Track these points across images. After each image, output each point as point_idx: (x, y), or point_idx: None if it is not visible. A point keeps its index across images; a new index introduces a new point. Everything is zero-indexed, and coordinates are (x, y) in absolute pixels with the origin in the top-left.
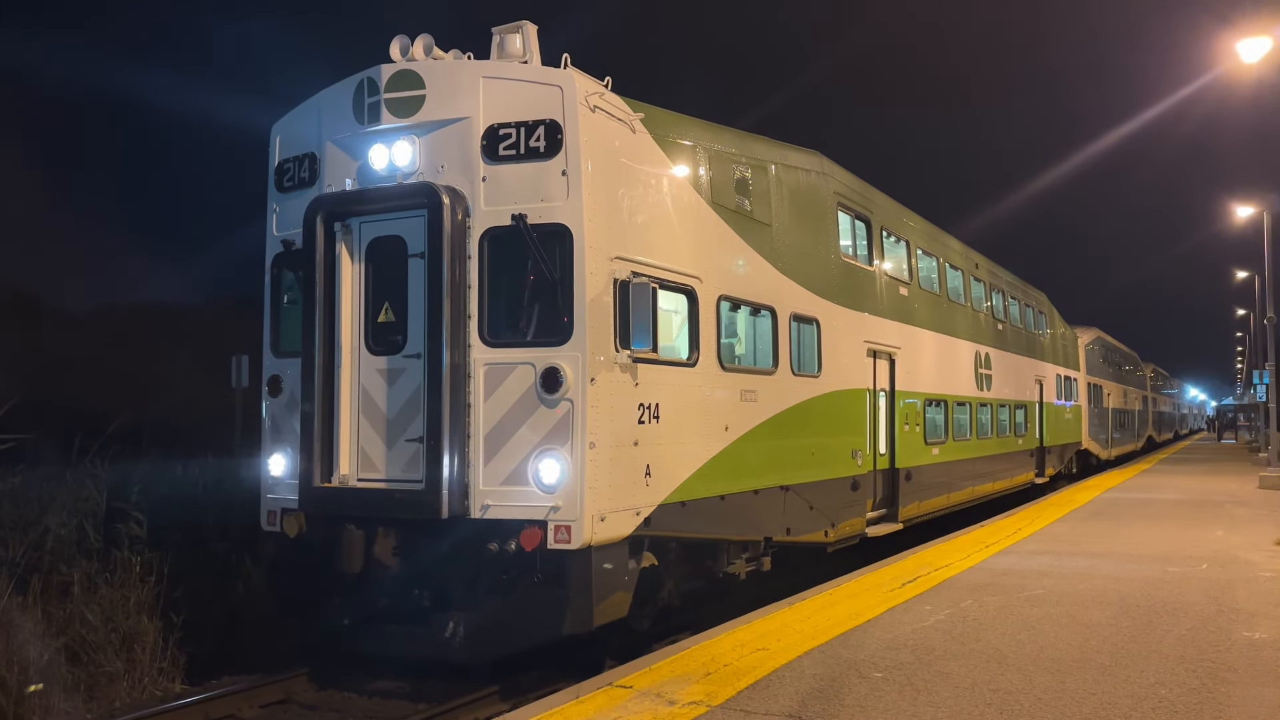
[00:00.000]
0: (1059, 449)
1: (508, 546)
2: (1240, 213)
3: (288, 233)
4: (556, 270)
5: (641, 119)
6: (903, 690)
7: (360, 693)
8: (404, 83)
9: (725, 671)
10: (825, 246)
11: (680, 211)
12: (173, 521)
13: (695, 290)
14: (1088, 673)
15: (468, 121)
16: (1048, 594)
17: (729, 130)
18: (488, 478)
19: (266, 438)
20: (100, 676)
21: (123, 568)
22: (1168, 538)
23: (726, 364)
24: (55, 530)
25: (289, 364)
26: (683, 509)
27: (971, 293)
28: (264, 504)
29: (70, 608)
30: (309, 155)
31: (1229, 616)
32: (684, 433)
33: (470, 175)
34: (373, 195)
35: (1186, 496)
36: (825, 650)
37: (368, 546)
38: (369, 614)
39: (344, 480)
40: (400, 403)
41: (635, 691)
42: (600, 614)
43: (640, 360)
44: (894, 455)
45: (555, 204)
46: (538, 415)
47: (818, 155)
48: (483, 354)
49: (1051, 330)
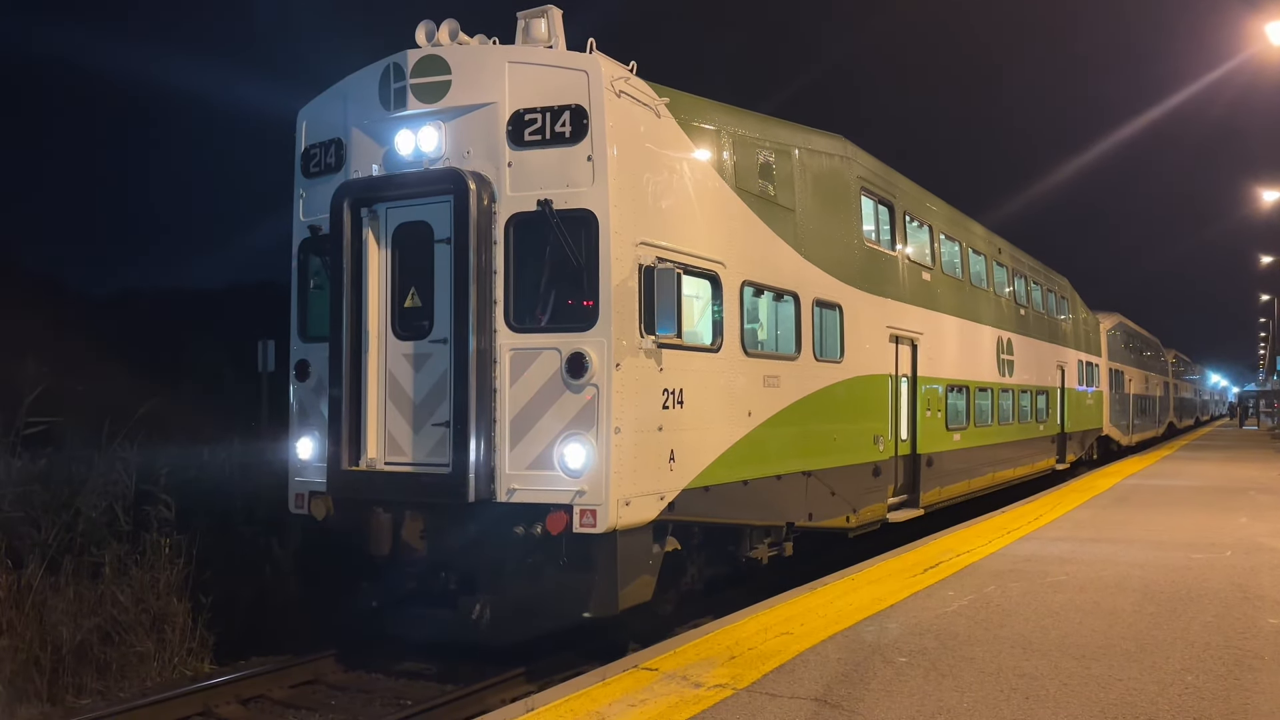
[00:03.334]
0: (1080, 435)
1: (534, 530)
2: (1266, 197)
3: (314, 218)
4: (582, 255)
5: (666, 104)
6: (928, 675)
7: (388, 674)
8: (430, 68)
9: (750, 655)
10: (848, 231)
11: (704, 196)
12: (200, 505)
13: (719, 275)
14: (1113, 659)
15: (493, 107)
16: (1071, 580)
17: (752, 114)
18: (514, 462)
19: (294, 421)
20: (131, 656)
21: (152, 550)
22: (1191, 524)
23: (750, 349)
24: (86, 513)
25: (316, 349)
26: (706, 494)
27: (994, 278)
28: (292, 487)
29: (102, 589)
30: (335, 141)
31: (1254, 604)
32: (707, 418)
33: (496, 161)
34: (399, 181)
35: (1209, 483)
36: (849, 635)
37: (395, 530)
38: (396, 596)
39: (372, 464)
40: (427, 387)
41: (661, 674)
42: (625, 598)
43: (664, 345)
44: (915, 441)
45: (581, 189)
46: (563, 400)
47: (841, 139)
48: (508, 339)
49: (1073, 315)
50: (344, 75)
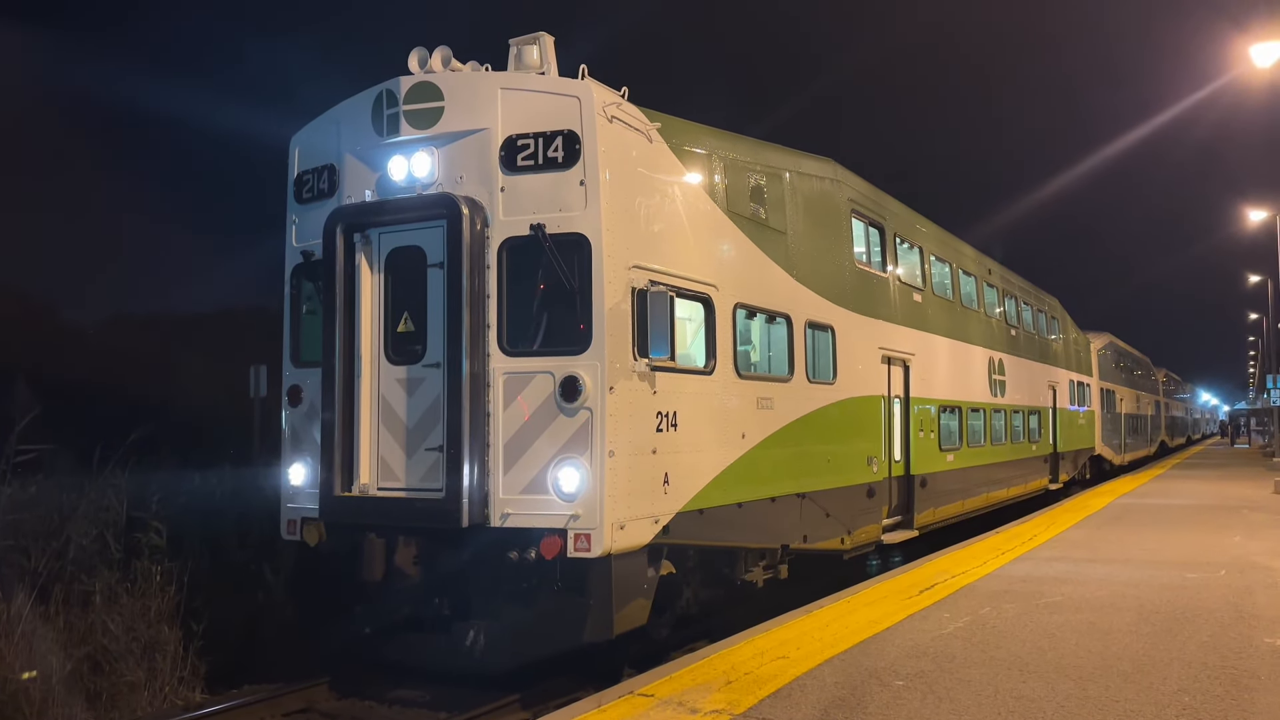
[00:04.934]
0: (1073, 454)
1: (528, 555)
2: (1253, 216)
3: (307, 244)
4: (575, 279)
5: (658, 129)
6: (925, 698)
7: (381, 701)
8: (423, 94)
9: (746, 680)
10: (839, 253)
11: (696, 220)
12: (192, 531)
13: (712, 298)
14: (1110, 680)
15: (486, 132)
16: (1066, 601)
17: (743, 139)
18: (508, 486)
19: (286, 447)
20: (122, 686)
21: (143, 577)
22: (1185, 543)
23: (743, 371)
24: (77, 540)
25: (309, 374)
26: (700, 517)
27: (984, 298)
28: (284, 513)
29: (92, 617)
30: (328, 167)
31: (1250, 623)
32: (701, 440)
33: (489, 185)
34: (392, 206)
35: (1202, 502)
36: (845, 658)
37: (388, 555)
38: (390, 623)
39: (364, 489)
40: (420, 412)
41: (657, 700)
42: (620, 622)
43: (658, 368)
44: (909, 462)
45: (573, 213)
46: (557, 424)
47: (831, 162)
48: (502, 363)
49: (1064, 335)
50: (336, 101)
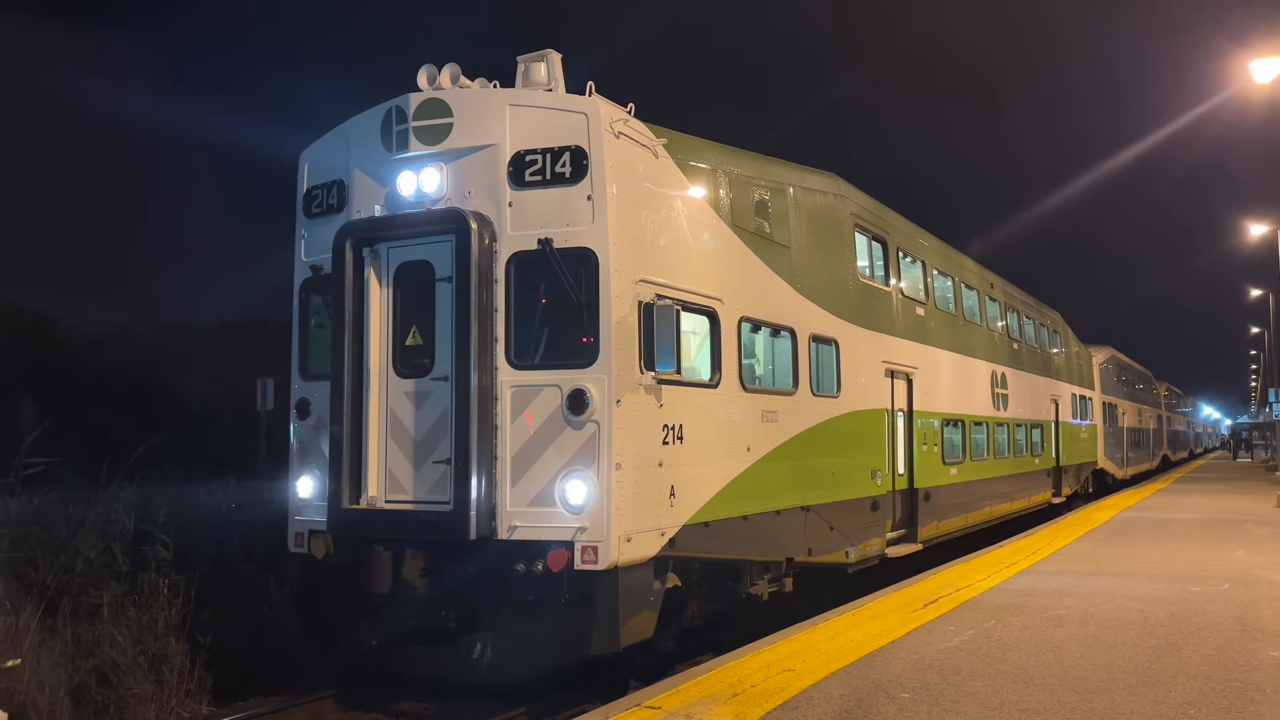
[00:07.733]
0: (1075, 468)
1: (535, 567)
2: (1254, 230)
3: (316, 258)
4: (582, 293)
5: (664, 144)
6: (931, 710)
7: (388, 714)
8: (432, 111)
9: (753, 692)
10: (843, 268)
11: (701, 234)
12: (199, 544)
13: (717, 312)
14: (1115, 693)
15: (494, 148)
16: (1070, 614)
17: (748, 154)
18: (515, 499)
19: (294, 460)
20: (129, 699)
21: (150, 590)
22: (1188, 557)
23: (748, 385)
24: (84, 553)
25: (317, 387)
26: (706, 529)
27: (987, 312)
28: (291, 525)
29: (99, 630)
30: (337, 182)
31: (1254, 636)
32: (707, 453)
33: (497, 200)
34: (401, 221)
35: (1205, 516)
36: (851, 671)
37: (395, 567)
38: (396, 635)
39: (372, 502)
40: (428, 425)
41: (664, 712)
42: (627, 634)
43: (664, 381)
44: (912, 475)
45: (581, 228)
46: (564, 437)
47: (834, 177)
48: (510, 376)
49: (1066, 349)
50: (343, 118)
